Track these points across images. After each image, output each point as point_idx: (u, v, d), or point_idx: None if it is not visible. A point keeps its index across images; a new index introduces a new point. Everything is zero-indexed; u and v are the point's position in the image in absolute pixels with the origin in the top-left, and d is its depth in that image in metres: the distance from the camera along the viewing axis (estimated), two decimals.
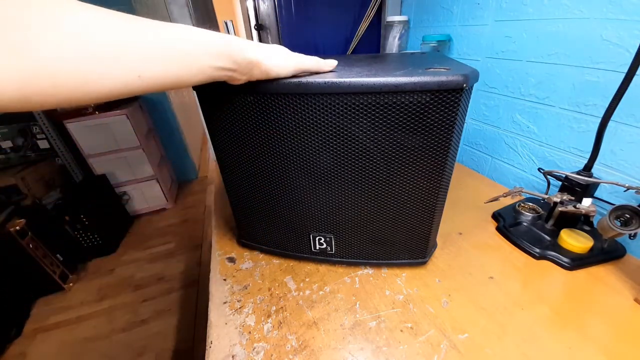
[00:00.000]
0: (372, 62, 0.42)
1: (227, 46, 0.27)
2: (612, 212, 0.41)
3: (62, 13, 0.18)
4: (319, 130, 0.34)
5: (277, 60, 0.31)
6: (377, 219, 0.41)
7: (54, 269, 1.38)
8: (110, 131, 1.67)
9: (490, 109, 0.71)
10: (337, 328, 0.37)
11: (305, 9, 0.87)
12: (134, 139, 1.73)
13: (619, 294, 0.40)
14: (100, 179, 1.70)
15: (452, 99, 0.30)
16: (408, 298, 0.41)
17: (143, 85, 0.23)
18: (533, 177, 0.64)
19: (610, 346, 0.34)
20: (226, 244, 0.54)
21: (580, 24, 0.49)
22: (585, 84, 0.50)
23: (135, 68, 0.22)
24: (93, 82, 0.20)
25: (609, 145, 0.48)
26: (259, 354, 0.34)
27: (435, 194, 0.38)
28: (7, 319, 1.22)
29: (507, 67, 0.63)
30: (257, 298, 0.42)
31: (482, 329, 0.36)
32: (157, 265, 1.57)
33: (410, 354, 0.34)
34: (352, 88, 0.31)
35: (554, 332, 0.35)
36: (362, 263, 0.46)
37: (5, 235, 1.20)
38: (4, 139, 1.57)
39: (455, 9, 0.73)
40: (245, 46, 0.29)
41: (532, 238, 0.49)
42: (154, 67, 0.23)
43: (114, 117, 1.64)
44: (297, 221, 0.44)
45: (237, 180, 0.43)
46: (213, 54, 0.27)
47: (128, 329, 1.23)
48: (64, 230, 1.49)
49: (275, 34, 0.91)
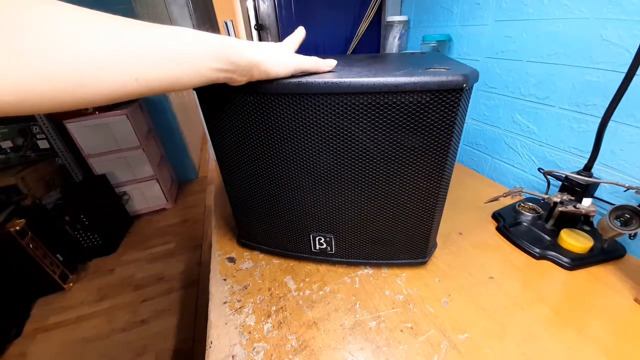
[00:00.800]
0: (372, 62, 0.42)
1: (225, 47, 0.27)
2: (612, 212, 0.41)
3: (59, 16, 0.18)
4: (319, 130, 0.34)
5: (276, 61, 0.31)
6: (377, 219, 0.41)
7: (54, 269, 1.38)
8: (110, 131, 1.67)
9: (490, 109, 0.71)
10: (337, 328, 0.37)
11: (305, 9, 0.87)
12: (134, 139, 1.74)
13: (619, 294, 0.40)
14: (100, 179, 1.70)
15: (452, 99, 0.30)
16: (408, 298, 0.41)
17: (140, 89, 0.22)
18: (533, 177, 0.64)
19: (610, 346, 0.34)
20: (226, 244, 0.54)
21: (580, 24, 0.49)
22: (585, 84, 0.50)
23: (132, 71, 0.21)
24: (91, 85, 0.20)
25: (609, 145, 0.48)
26: (259, 354, 0.34)
27: (435, 194, 0.38)
28: (7, 319, 1.22)
29: (507, 67, 0.63)
30: (257, 298, 0.42)
31: (482, 329, 0.36)
32: (157, 265, 1.57)
33: (410, 354, 0.34)
34: (352, 88, 0.31)
35: (554, 332, 0.35)
36: (362, 263, 0.46)
37: (5, 235, 1.20)
38: (4, 139, 1.57)
39: (455, 9, 0.73)
40: (243, 47, 0.29)
41: (532, 238, 0.49)
42: (151, 70, 0.23)
43: (114, 117, 1.65)
44: (297, 221, 0.44)
45: (237, 180, 0.43)
46: (211, 56, 0.26)
47: (128, 329, 1.23)
48: (64, 230, 1.49)
49: (275, 34, 0.91)
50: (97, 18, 0.20)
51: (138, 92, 0.23)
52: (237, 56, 0.28)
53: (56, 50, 0.18)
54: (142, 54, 0.22)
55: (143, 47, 0.22)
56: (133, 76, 0.22)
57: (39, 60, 0.17)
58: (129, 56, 0.21)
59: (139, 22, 0.22)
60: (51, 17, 0.18)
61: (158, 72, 0.23)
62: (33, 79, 0.17)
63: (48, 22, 0.18)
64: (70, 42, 0.18)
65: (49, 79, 0.18)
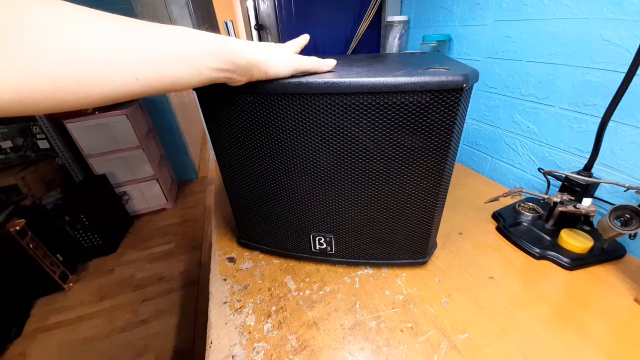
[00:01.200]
0: (372, 62, 0.42)
1: (225, 47, 0.27)
2: (612, 212, 0.41)
3: (59, 16, 0.18)
4: (319, 130, 0.34)
5: (276, 61, 0.31)
6: (377, 219, 0.41)
7: (54, 269, 1.38)
8: (110, 131, 1.67)
9: (490, 109, 0.71)
10: (337, 328, 0.37)
11: (305, 9, 0.87)
12: (134, 139, 1.73)
13: (619, 294, 0.40)
14: (100, 179, 1.70)
15: (452, 99, 0.30)
16: (408, 298, 0.41)
17: (140, 89, 0.23)
18: (533, 177, 0.64)
19: (610, 346, 0.34)
20: (226, 244, 0.54)
21: (580, 24, 0.49)
22: (585, 84, 0.50)
23: (133, 71, 0.21)
24: (91, 85, 0.20)
25: (609, 145, 0.48)
26: (259, 354, 0.34)
27: (435, 194, 0.38)
28: (7, 319, 1.22)
29: (507, 67, 0.63)
30: (257, 298, 0.42)
31: (482, 329, 0.36)
32: (157, 265, 1.57)
33: (410, 354, 0.34)
34: (352, 88, 0.31)
35: (554, 332, 0.35)
36: (362, 263, 0.46)
37: (5, 235, 1.20)
38: (4, 139, 1.57)
39: (455, 9, 0.73)
40: (243, 47, 0.29)
41: (532, 238, 0.49)
42: (151, 69, 0.23)
43: (114, 117, 1.64)
44: (297, 221, 0.44)
45: (237, 180, 0.43)
46: (211, 55, 0.26)
47: (128, 329, 1.23)
48: (64, 230, 1.49)
49: (275, 34, 0.91)
50: (98, 18, 0.20)
51: (139, 92, 0.23)
52: (237, 56, 0.28)
53: (56, 50, 0.18)
54: (142, 53, 0.22)
55: (143, 47, 0.22)
56: (134, 76, 0.22)
57: (39, 60, 0.17)
58: (130, 55, 0.21)
59: (139, 22, 0.22)
60: (51, 17, 0.18)
61: (158, 72, 0.23)
62: (33, 78, 0.17)
63: (48, 22, 0.18)
64: (70, 42, 0.18)
65: (49, 78, 0.18)
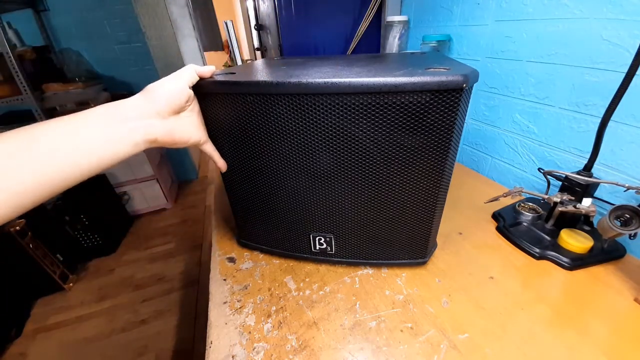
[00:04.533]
0: (372, 62, 0.42)
1: (141, 128, 0.30)
2: (612, 212, 0.41)
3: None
4: (319, 130, 0.34)
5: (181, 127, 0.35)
6: (377, 219, 0.41)
7: (54, 269, 1.37)
8: None
9: (490, 109, 0.71)
10: (337, 328, 0.37)
11: (305, 9, 0.87)
12: None
13: (619, 294, 0.40)
14: (100, 179, 1.70)
15: (452, 99, 0.30)
16: (408, 298, 0.41)
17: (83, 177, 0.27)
18: (533, 177, 0.64)
19: (610, 346, 0.34)
20: (226, 244, 0.54)
21: (580, 24, 0.49)
22: (585, 84, 0.50)
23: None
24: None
25: (609, 145, 0.48)
26: (259, 354, 0.34)
27: (435, 194, 0.38)
28: (7, 319, 1.22)
29: (507, 67, 0.63)
30: (257, 298, 0.42)
31: (482, 329, 0.36)
32: (157, 265, 1.57)
33: (410, 354, 0.34)
34: (352, 88, 0.31)
35: (554, 332, 0.35)
36: (362, 263, 0.46)
37: (5, 235, 1.20)
38: None
39: (455, 9, 0.73)
40: (153, 122, 0.31)
41: (532, 238, 0.49)
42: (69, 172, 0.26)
43: None
44: (297, 221, 0.44)
45: (237, 180, 0.43)
46: (131, 140, 0.29)
47: (128, 329, 1.23)
48: (64, 230, 1.49)
49: (275, 34, 0.91)
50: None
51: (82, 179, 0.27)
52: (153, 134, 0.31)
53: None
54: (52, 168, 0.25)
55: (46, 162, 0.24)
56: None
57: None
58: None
59: (45, 130, 0.25)
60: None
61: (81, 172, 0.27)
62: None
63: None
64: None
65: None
